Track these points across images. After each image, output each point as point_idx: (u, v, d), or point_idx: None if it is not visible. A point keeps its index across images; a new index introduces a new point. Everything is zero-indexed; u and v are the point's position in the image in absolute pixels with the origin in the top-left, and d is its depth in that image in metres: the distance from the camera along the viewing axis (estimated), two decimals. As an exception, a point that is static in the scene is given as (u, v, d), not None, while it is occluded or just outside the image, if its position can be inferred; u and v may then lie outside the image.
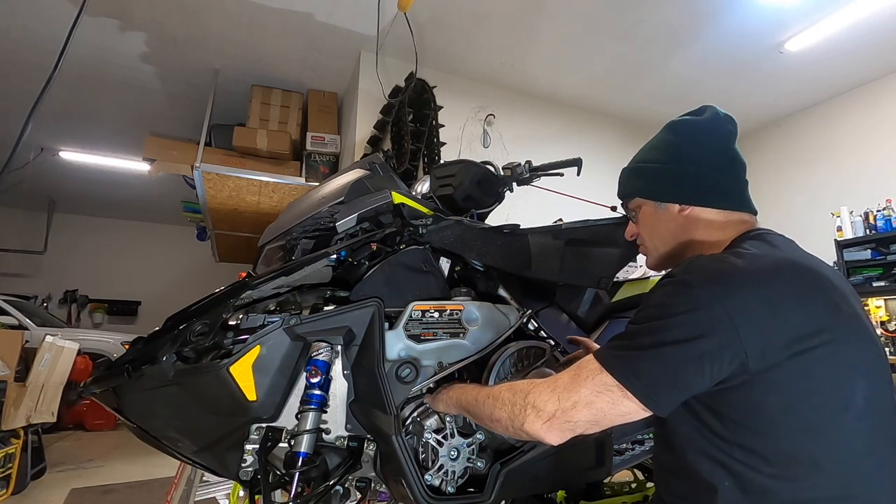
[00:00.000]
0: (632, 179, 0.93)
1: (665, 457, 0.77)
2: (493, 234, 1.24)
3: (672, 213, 0.86)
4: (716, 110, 0.91)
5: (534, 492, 1.35)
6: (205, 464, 1.13)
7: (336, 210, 1.18)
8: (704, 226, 0.84)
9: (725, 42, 3.84)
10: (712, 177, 0.84)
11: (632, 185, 0.93)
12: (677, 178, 0.85)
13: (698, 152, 0.85)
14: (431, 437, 1.00)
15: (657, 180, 0.88)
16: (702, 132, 0.88)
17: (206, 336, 0.99)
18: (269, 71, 4.20)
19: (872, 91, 4.48)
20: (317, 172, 4.03)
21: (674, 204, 0.85)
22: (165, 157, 4.00)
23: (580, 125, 4.80)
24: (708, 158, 0.85)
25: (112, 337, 6.04)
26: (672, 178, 0.86)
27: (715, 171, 0.84)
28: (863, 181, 4.45)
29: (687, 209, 0.84)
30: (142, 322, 8.56)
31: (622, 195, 0.97)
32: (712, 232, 0.84)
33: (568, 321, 1.42)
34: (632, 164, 0.95)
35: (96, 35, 3.70)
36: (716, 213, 0.84)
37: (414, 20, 3.37)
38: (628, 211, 0.98)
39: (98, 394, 1.09)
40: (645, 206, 0.90)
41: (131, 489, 3.19)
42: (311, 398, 0.98)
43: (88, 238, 8.59)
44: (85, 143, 5.61)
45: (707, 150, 0.85)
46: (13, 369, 2.94)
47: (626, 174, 0.95)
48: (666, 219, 0.87)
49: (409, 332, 1.10)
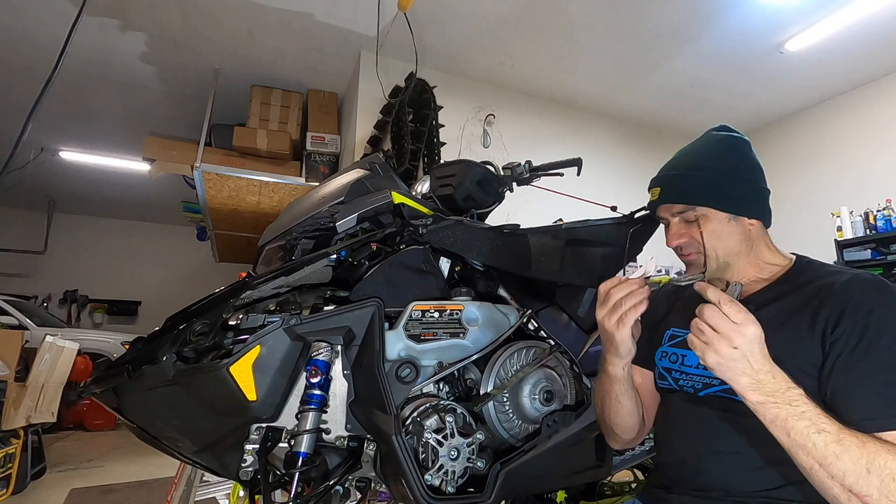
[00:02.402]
0: (699, 187, 0.91)
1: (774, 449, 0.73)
2: (493, 234, 1.24)
3: (743, 226, 0.91)
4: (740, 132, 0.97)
5: (534, 492, 1.36)
6: (205, 464, 1.13)
7: (336, 210, 1.18)
8: (763, 240, 0.93)
9: (725, 42, 3.84)
10: (768, 193, 0.94)
11: (699, 192, 0.91)
12: (752, 193, 0.91)
13: (757, 169, 0.93)
14: (431, 436, 0.99)
15: (732, 192, 0.90)
16: (753, 151, 0.95)
17: (207, 336, 0.99)
18: (269, 71, 4.20)
19: (872, 91, 4.48)
20: (317, 172, 4.03)
21: (745, 217, 0.90)
22: (165, 157, 4.00)
23: (580, 125, 4.80)
24: (762, 176, 0.93)
25: (112, 337, 6.04)
26: (748, 193, 0.91)
27: (767, 188, 0.94)
28: (863, 181, 4.45)
29: (755, 223, 0.91)
30: (142, 322, 8.57)
31: (680, 199, 0.92)
32: (768, 246, 0.93)
33: (568, 321, 1.42)
34: (689, 171, 0.93)
35: (96, 35, 3.70)
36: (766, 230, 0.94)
37: (414, 20, 3.37)
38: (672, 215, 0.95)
39: (98, 394, 1.09)
40: (714, 215, 0.90)
41: (131, 489, 3.19)
42: (311, 398, 0.98)
43: (88, 238, 8.59)
44: (85, 143, 5.61)
45: (760, 168, 0.94)
46: (13, 369, 2.94)
47: (689, 180, 0.92)
48: (737, 231, 0.90)
49: (409, 332, 1.09)
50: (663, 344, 0.99)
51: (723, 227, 0.90)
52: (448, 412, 1.04)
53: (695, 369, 0.91)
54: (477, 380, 1.16)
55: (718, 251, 0.90)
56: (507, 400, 1.13)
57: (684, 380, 0.92)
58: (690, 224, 0.92)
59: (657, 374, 0.99)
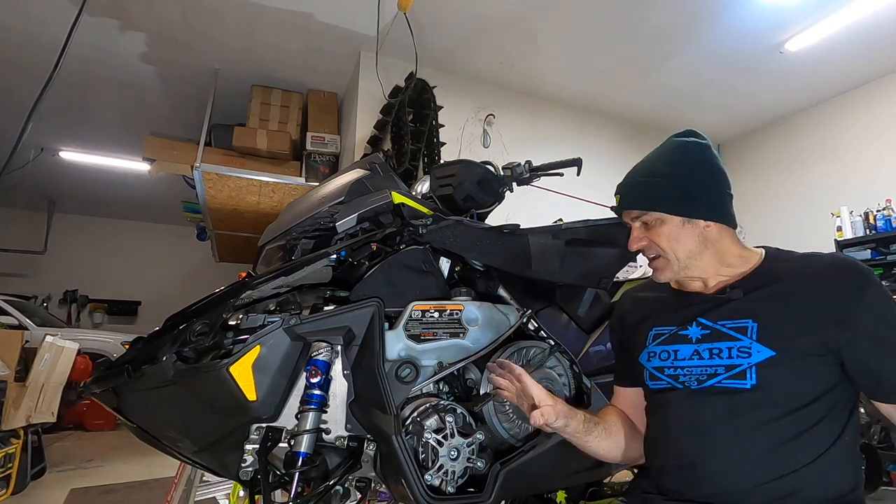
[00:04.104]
0: (652, 193, 0.95)
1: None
2: (493, 234, 1.24)
3: (698, 228, 0.93)
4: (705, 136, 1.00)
5: (534, 492, 1.36)
6: (205, 464, 1.13)
7: (336, 210, 1.18)
8: (723, 239, 0.94)
9: (725, 42, 3.84)
10: (728, 197, 0.96)
11: (653, 198, 0.94)
12: (704, 196, 0.93)
13: (717, 173, 0.95)
14: (431, 437, 0.99)
15: (684, 197, 0.92)
16: (713, 155, 0.97)
17: (206, 336, 0.99)
18: (269, 71, 4.20)
19: (872, 91, 4.48)
20: (317, 172, 4.03)
21: (699, 220, 0.93)
22: (165, 157, 4.00)
23: (580, 125, 4.80)
24: (723, 180, 0.96)
25: (112, 337, 6.03)
26: (699, 196, 0.93)
27: (728, 191, 0.96)
28: (863, 181, 4.45)
29: (711, 225, 0.93)
30: (142, 322, 8.56)
31: (636, 206, 0.97)
32: (732, 244, 0.95)
33: (568, 321, 1.42)
34: (646, 178, 0.97)
35: (96, 35, 3.70)
36: (728, 229, 0.95)
37: (414, 20, 3.37)
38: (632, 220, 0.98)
39: (98, 394, 1.09)
40: (668, 220, 0.93)
41: (131, 489, 3.19)
42: (311, 398, 0.98)
43: (88, 238, 8.59)
44: (85, 143, 5.61)
45: (721, 172, 0.96)
46: (13, 369, 2.94)
47: (645, 187, 0.96)
48: (692, 233, 0.93)
49: (409, 332, 1.10)
50: (648, 345, 0.98)
51: (678, 230, 0.93)
52: (448, 412, 1.04)
53: (689, 360, 0.90)
54: (477, 380, 1.16)
55: (678, 253, 0.93)
56: (507, 400, 1.13)
57: (684, 374, 0.89)
58: (649, 228, 0.95)
59: (648, 376, 0.96)
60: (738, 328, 0.85)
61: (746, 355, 0.82)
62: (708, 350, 0.87)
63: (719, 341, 0.87)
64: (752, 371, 0.81)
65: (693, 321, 0.92)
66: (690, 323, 0.92)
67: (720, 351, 0.86)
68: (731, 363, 0.84)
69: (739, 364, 0.83)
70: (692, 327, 0.91)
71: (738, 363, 0.83)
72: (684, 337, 0.92)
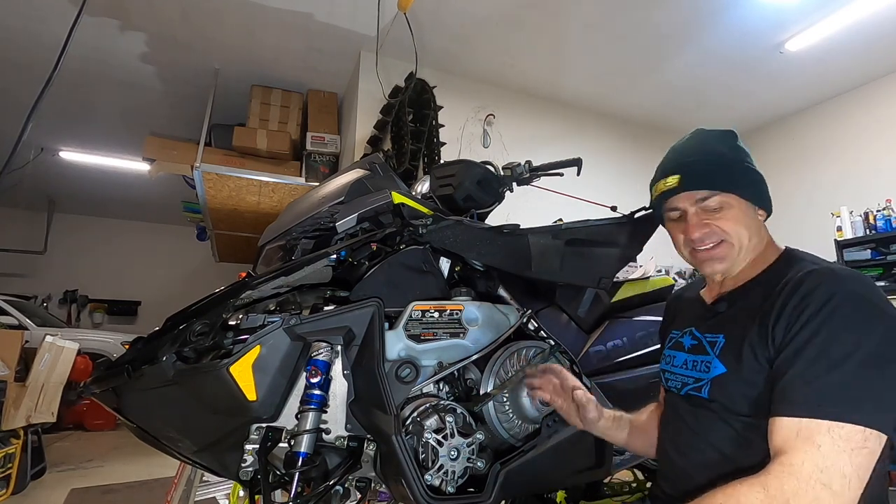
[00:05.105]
0: (724, 173, 0.87)
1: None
2: (493, 234, 1.24)
3: (760, 217, 0.90)
4: None
5: (534, 492, 1.36)
6: (205, 464, 1.13)
7: (336, 210, 1.18)
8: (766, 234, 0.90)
9: (725, 42, 3.84)
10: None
11: (726, 179, 0.86)
12: (764, 184, 0.90)
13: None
14: (431, 437, 0.99)
15: (755, 184, 0.89)
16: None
17: (206, 336, 0.99)
18: (269, 71, 4.20)
19: (872, 91, 4.48)
20: (317, 172, 4.03)
21: (761, 209, 0.90)
22: (165, 157, 4.00)
23: (580, 125, 4.80)
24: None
25: (112, 337, 6.03)
26: (759, 182, 0.90)
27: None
28: (863, 181, 4.45)
29: (763, 215, 0.90)
30: (142, 322, 8.56)
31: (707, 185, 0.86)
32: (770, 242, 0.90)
33: (568, 321, 1.42)
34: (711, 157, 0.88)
35: (96, 35, 3.70)
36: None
37: (414, 20, 3.37)
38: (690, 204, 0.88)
39: (98, 394, 1.09)
40: (737, 203, 0.86)
41: (131, 489, 3.19)
42: (311, 398, 0.98)
43: (88, 238, 8.59)
44: (85, 143, 5.61)
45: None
46: (13, 369, 2.94)
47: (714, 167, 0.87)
48: (755, 222, 0.88)
49: (409, 332, 1.10)
50: (665, 347, 1.00)
51: (744, 215, 0.86)
52: (448, 412, 1.04)
53: (679, 368, 0.91)
54: (477, 380, 1.16)
55: (744, 240, 0.85)
56: (506, 400, 1.13)
57: (673, 380, 0.92)
58: (711, 212, 0.86)
59: (662, 377, 0.99)
60: (711, 342, 0.85)
61: (706, 370, 0.83)
62: (692, 360, 0.89)
63: (698, 354, 0.88)
64: (707, 386, 0.82)
65: (688, 330, 0.93)
66: (686, 332, 0.93)
67: (696, 363, 0.87)
68: (698, 375, 0.85)
69: (701, 378, 0.84)
70: (686, 336, 0.93)
71: (700, 376, 0.84)
72: (681, 344, 0.94)
